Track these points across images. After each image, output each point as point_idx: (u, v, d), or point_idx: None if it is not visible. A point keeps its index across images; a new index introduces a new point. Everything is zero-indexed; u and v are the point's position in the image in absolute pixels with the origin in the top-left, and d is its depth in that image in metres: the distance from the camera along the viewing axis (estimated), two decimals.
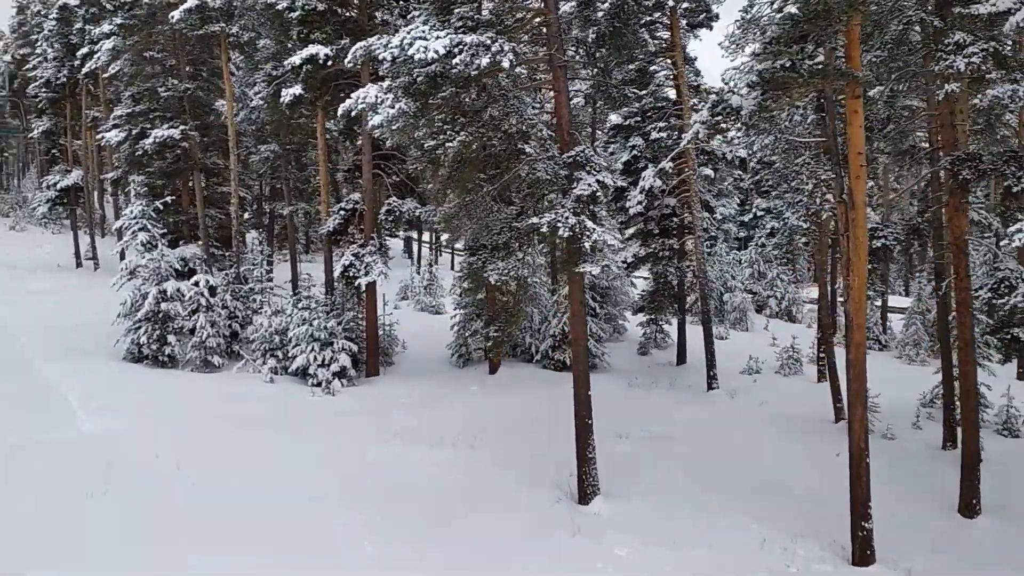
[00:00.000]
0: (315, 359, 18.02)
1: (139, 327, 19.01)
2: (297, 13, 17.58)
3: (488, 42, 10.49)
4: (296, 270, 26.63)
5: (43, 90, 35.35)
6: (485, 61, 10.41)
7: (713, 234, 26.15)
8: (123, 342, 19.46)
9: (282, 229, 33.28)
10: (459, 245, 31.16)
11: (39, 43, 39.54)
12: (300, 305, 19.06)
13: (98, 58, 21.86)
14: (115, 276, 20.32)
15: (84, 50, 28.25)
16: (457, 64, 10.42)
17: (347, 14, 18.67)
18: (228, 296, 19.97)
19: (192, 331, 19.16)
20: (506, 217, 12.82)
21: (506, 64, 10.46)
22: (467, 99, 11.74)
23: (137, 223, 19.57)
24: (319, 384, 17.76)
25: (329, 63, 17.41)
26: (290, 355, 18.48)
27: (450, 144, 11.05)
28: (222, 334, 19.42)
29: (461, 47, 10.48)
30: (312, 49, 17.13)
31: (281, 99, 18.00)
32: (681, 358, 22.97)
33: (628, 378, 20.30)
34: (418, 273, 33.29)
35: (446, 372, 20.81)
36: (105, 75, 25.77)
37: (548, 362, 21.00)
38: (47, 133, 38.15)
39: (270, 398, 17.22)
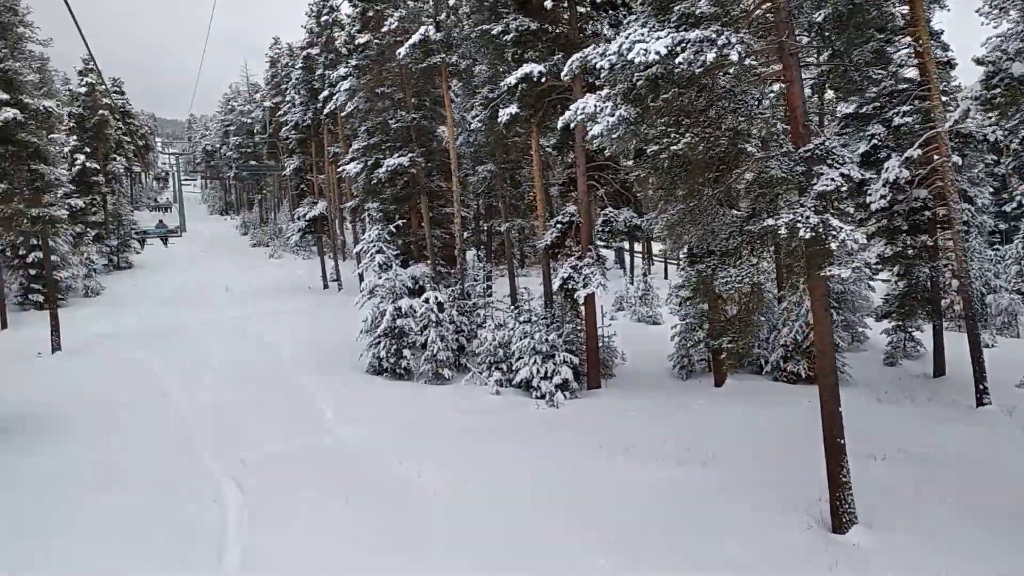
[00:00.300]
0: (537, 372, 18.27)
1: (378, 342, 20.51)
2: (511, 35, 18.09)
3: (713, 36, 9.92)
4: (514, 284, 27.41)
5: (292, 132, 39.83)
6: (711, 56, 9.84)
7: (971, 228, 22.97)
8: (365, 356, 21.13)
9: (499, 245, 34.52)
10: (673, 253, 30.20)
11: (288, 91, 44.79)
12: (521, 319, 19.47)
13: (336, 99, 24.24)
14: (356, 295, 22.19)
15: (324, 93, 31.41)
16: (680, 63, 9.95)
17: (558, 30, 18.88)
18: (454, 311, 20.93)
19: (424, 345, 20.31)
20: (733, 220, 12.06)
21: (734, 57, 9.81)
22: (689, 99, 11.23)
23: (374, 246, 21.20)
24: (542, 396, 17.96)
25: (543, 79, 17.69)
26: (513, 368, 18.90)
27: (675, 147, 10.57)
28: (450, 348, 20.37)
29: (684, 44, 10.00)
30: (526, 68, 17.51)
31: (498, 119, 18.60)
32: (939, 369, 20.30)
33: (875, 392, 18.30)
34: (632, 284, 32.85)
35: (668, 385, 20.16)
36: (343, 113, 28.46)
37: (779, 374, 19.57)
38: (296, 170, 42.95)
39: (496, 410, 17.71)
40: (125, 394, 19.46)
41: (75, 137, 48.10)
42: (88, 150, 48.07)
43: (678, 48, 10.03)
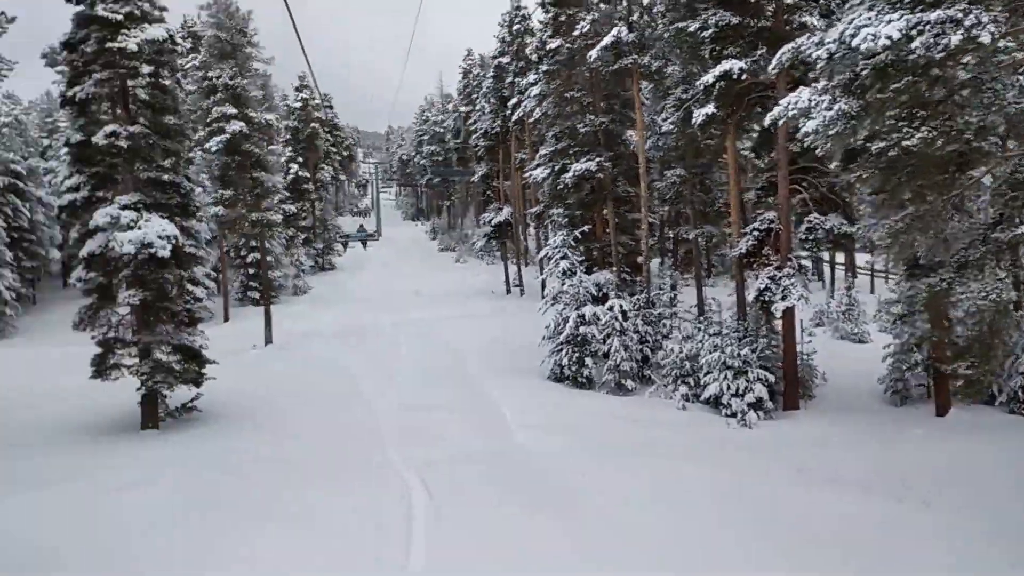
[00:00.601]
0: (728, 388, 17.14)
1: (560, 349, 20.30)
2: (710, 31, 17.18)
3: (959, 15, 8.59)
4: (701, 294, 26.18)
5: (481, 139, 41.02)
6: (955, 40, 8.54)
7: None
8: (547, 363, 21.01)
9: (685, 254, 33.26)
10: (890, 264, 27.39)
11: (478, 100, 46.34)
12: (710, 331, 18.42)
13: (525, 105, 24.54)
14: (537, 301, 22.19)
15: (513, 100, 31.95)
16: (916, 48, 8.72)
17: (760, 24, 17.68)
18: (639, 321, 20.26)
19: (606, 355, 19.81)
20: (974, 227, 10.46)
21: (986, 39, 8.44)
22: (923, 89, 9.86)
23: (558, 252, 21.06)
24: (733, 415, 16.81)
25: (743, 77, 16.61)
26: (701, 383, 17.90)
27: (907, 142, 9.30)
28: (634, 358, 19.72)
29: (921, 27, 8.76)
30: (725, 65, 16.51)
31: (692, 121, 17.73)
32: None
33: None
34: (833, 297, 30.26)
35: (878, 410, 18.12)
36: (530, 120, 28.80)
37: (1017, 406, 16.91)
38: (484, 176, 44.19)
39: (682, 426, 16.80)
40: (322, 388, 20.79)
41: (290, 148, 52.94)
42: (300, 160, 52.71)
43: (914, 31, 8.81)
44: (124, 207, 16.12)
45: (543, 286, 24.55)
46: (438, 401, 18.75)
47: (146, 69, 16.46)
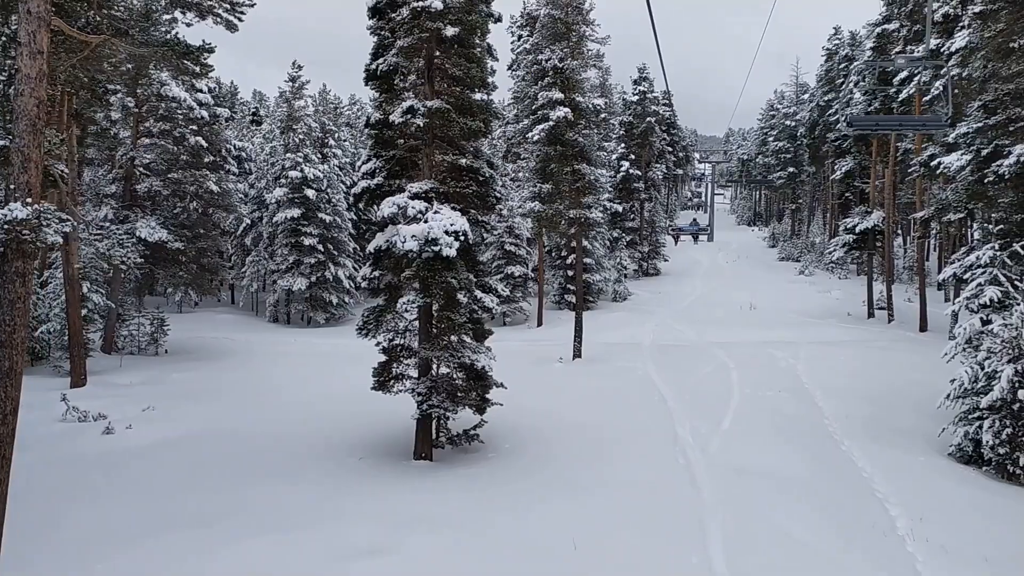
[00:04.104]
0: None
1: (981, 417, 13.61)
2: None
3: None
4: None
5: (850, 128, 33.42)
6: None
7: None
8: (952, 432, 14.41)
9: None
10: None
11: (844, 84, 38.52)
12: None
13: (924, 75, 17.63)
14: (908, 330, 15.47)
15: (903, 74, 24.51)
16: None
17: None
18: None
19: None
20: None
21: None
22: None
23: (983, 273, 14.23)
24: None
25: None
26: None
27: None
28: None
29: None
30: None
31: None
32: None
33: None
34: None
35: None
36: (928, 96, 21.36)
37: None
38: (847, 174, 36.45)
39: None
40: (629, 424, 16.85)
41: (623, 145, 50.16)
42: (632, 157, 49.65)
43: None
44: (414, 196, 13.71)
45: (954, 319, 17.45)
46: (782, 469, 13.57)
47: (450, 32, 13.85)
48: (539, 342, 27.84)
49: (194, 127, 25.55)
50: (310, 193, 35.60)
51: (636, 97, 51.23)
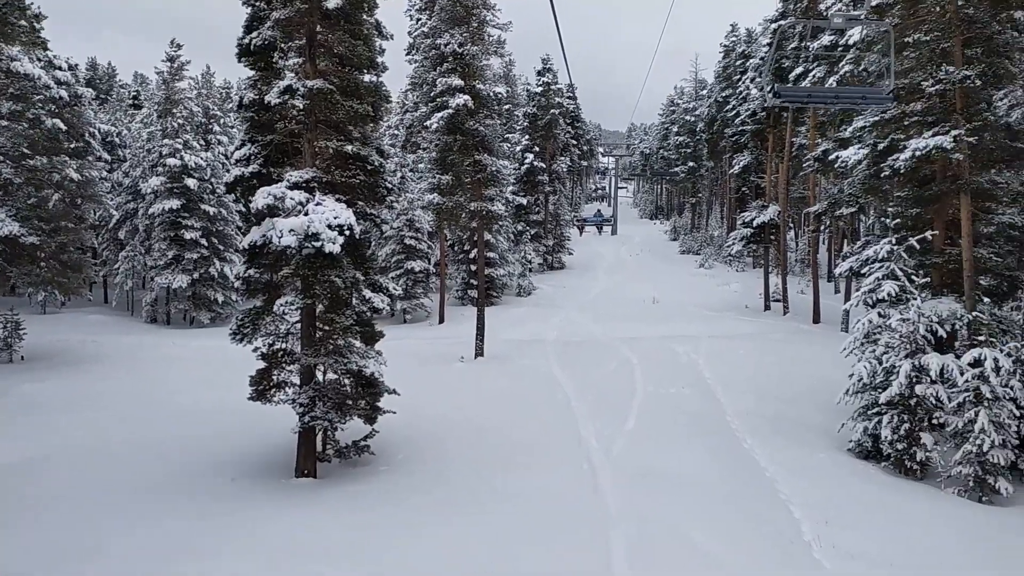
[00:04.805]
0: None
1: (879, 413, 13.56)
2: None
3: None
4: None
5: (747, 122, 33.98)
6: None
7: None
8: (851, 428, 14.35)
9: None
10: None
11: (740, 80, 39.19)
12: None
13: (817, 71, 17.63)
14: (803, 322, 15.45)
15: (799, 69, 24.76)
16: None
17: None
18: (1017, 382, 12.82)
19: (958, 433, 12.72)
20: None
21: None
22: None
23: (880, 268, 14.19)
24: None
25: None
26: None
27: None
28: (1009, 444, 12.42)
29: None
30: None
31: None
32: None
33: None
34: None
35: None
36: (831, 81, 21.57)
37: None
38: (744, 168, 37.05)
39: None
40: (531, 426, 16.15)
41: (527, 137, 49.54)
42: (537, 149, 49.09)
43: None
44: (293, 185, 12.36)
45: (845, 316, 17.54)
46: (686, 471, 13.17)
47: (333, 4, 12.54)
48: (441, 340, 26.72)
49: (52, 107, 22.90)
50: (191, 183, 32.99)
51: (540, 88, 50.70)
